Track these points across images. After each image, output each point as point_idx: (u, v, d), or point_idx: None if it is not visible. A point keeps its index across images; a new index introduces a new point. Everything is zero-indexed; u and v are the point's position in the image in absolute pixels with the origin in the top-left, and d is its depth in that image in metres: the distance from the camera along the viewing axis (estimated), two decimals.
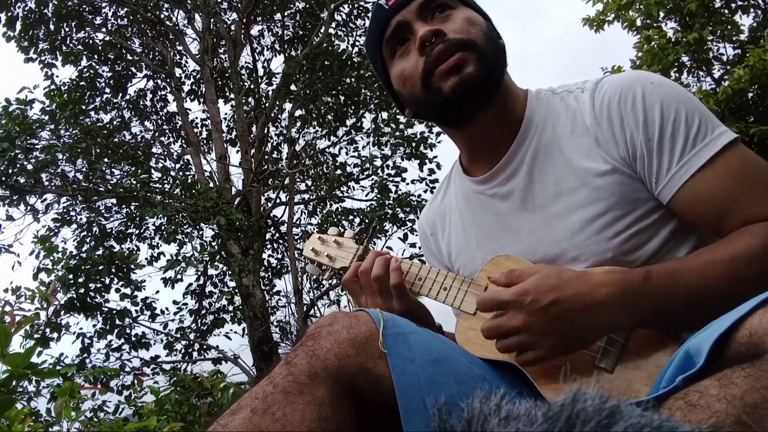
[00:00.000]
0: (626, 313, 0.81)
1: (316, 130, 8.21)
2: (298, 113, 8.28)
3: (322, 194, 8.34)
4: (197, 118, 9.20)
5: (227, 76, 8.82)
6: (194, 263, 6.76)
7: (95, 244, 7.35)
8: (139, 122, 9.11)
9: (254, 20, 8.70)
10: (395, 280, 1.03)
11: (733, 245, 0.83)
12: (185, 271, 6.71)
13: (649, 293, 0.81)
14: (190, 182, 7.25)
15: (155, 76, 9.08)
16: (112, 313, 7.12)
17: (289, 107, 8.34)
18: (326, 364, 0.76)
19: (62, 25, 8.25)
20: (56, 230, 7.39)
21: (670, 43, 6.48)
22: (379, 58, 1.06)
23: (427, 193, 7.51)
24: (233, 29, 8.72)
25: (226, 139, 8.53)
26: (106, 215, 7.73)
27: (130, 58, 9.00)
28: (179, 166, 8.89)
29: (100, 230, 7.51)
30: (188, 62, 9.23)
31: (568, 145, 0.96)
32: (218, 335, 8.00)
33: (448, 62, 0.93)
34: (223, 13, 8.59)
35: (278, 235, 8.65)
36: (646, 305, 0.81)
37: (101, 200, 7.46)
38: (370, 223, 7.31)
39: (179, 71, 9.11)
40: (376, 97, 7.63)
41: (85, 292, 6.79)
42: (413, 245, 7.29)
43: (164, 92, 9.28)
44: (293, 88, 7.67)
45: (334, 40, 7.60)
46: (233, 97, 8.33)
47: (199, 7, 7.62)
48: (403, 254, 7.09)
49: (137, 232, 8.01)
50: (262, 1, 8.39)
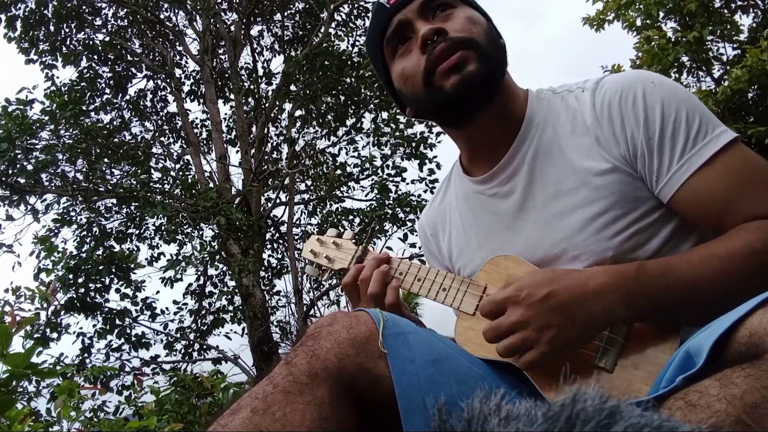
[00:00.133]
0: (622, 300, 0.81)
1: (316, 130, 8.21)
2: (297, 113, 8.28)
3: (322, 194, 8.34)
4: (197, 118, 9.22)
5: (227, 76, 8.82)
6: (193, 263, 6.76)
7: (95, 244, 7.35)
8: (139, 122, 9.11)
9: (254, 21, 8.70)
10: (390, 299, 1.04)
11: (731, 241, 0.83)
12: (185, 270, 6.72)
13: (643, 283, 0.81)
14: (190, 182, 7.25)
15: (155, 76, 9.08)
16: (112, 313, 7.13)
17: (288, 107, 8.35)
18: (326, 364, 0.76)
19: (62, 26, 8.26)
20: (56, 230, 7.40)
21: (669, 43, 6.48)
22: (380, 57, 1.06)
23: (427, 193, 7.51)
24: (233, 29, 8.72)
25: (226, 139, 8.53)
26: (106, 215, 7.74)
27: (130, 58, 9.00)
28: (179, 166, 8.90)
29: (100, 230, 7.51)
30: (188, 62, 9.25)
31: (568, 144, 0.96)
32: (218, 335, 8.01)
33: (449, 61, 0.93)
34: (223, 13, 8.59)
35: (278, 235, 8.65)
36: (639, 295, 0.81)
37: (101, 200, 7.46)
38: (368, 224, 7.30)
39: (179, 71, 9.12)
40: (376, 97, 7.62)
41: (85, 292, 6.80)
42: (413, 245, 7.29)
43: (164, 93, 9.29)
44: (293, 88, 7.66)
45: (333, 40, 7.60)
46: (233, 97, 8.33)
47: (198, 7, 7.61)
48: (403, 254, 7.09)
49: (137, 232, 8.02)
50: (262, 1, 8.39)
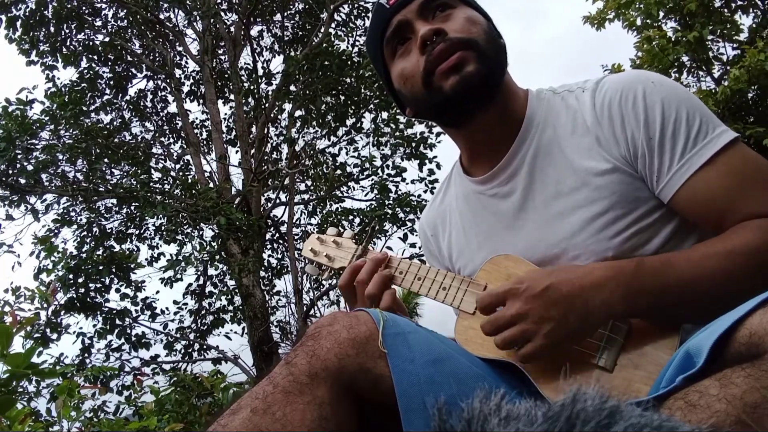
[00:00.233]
0: (620, 295, 0.81)
1: (315, 130, 8.21)
2: (297, 113, 8.28)
3: (321, 194, 8.34)
4: (197, 119, 9.23)
5: (227, 76, 8.82)
6: (193, 263, 6.76)
7: (95, 244, 7.35)
8: (139, 123, 9.12)
9: (254, 21, 8.70)
10: (386, 303, 1.04)
11: (731, 240, 0.83)
12: (185, 270, 6.72)
13: (642, 279, 0.82)
14: (190, 182, 7.25)
15: (155, 76, 9.09)
16: (112, 313, 7.13)
17: (288, 107, 8.35)
18: (326, 364, 0.76)
19: (62, 26, 8.26)
20: (56, 230, 7.40)
21: (670, 42, 6.47)
22: (379, 57, 1.06)
23: (426, 193, 7.51)
24: (233, 30, 8.72)
25: (226, 139, 8.53)
26: (106, 215, 7.74)
27: (130, 59, 9.00)
28: (179, 166, 8.90)
29: (100, 230, 7.52)
30: (188, 63, 9.25)
31: (568, 144, 0.96)
32: (218, 335, 8.01)
33: (448, 61, 0.93)
34: (222, 13, 8.59)
35: (278, 235, 8.65)
36: (638, 291, 0.81)
37: (101, 200, 7.46)
38: (368, 222, 7.30)
39: (179, 72, 9.13)
40: (376, 97, 7.62)
41: (85, 292, 6.80)
42: (413, 245, 7.29)
43: (164, 93, 9.29)
44: (293, 88, 7.66)
45: (333, 40, 7.60)
46: (233, 97, 8.33)
47: (198, 7, 7.61)
48: (403, 254, 7.09)
49: (137, 232, 8.02)
50: (262, 1, 8.38)
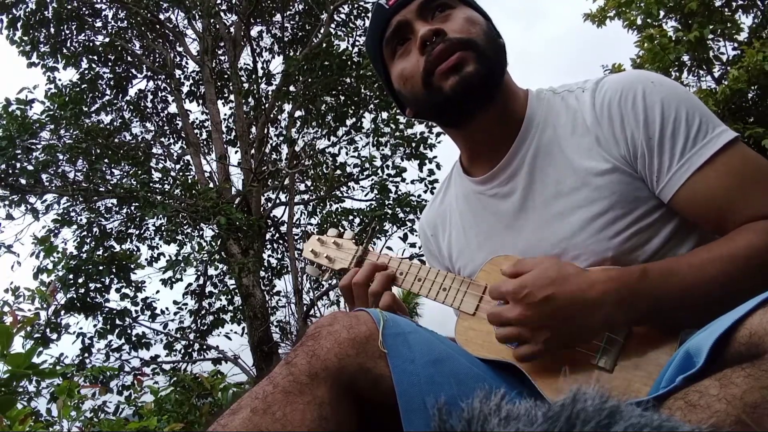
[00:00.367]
0: (623, 310, 0.81)
1: (315, 130, 8.21)
2: (297, 114, 8.28)
3: (321, 194, 8.34)
4: (197, 119, 9.23)
5: (227, 77, 8.82)
6: (192, 262, 6.76)
7: (95, 244, 7.35)
8: (139, 123, 9.12)
9: (254, 21, 8.69)
10: (384, 303, 1.04)
11: (733, 243, 0.83)
12: (185, 271, 6.72)
13: (645, 290, 0.81)
14: (190, 182, 7.25)
15: (155, 77, 9.09)
16: (112, 313, 7.13)
17: (288, 108, 8.35)
18: (326, 364, 0.76)
19: (63, 27, 8.26)
20: (56, 231, 7.41)
21: (670, 41, 6.46)
22: (379, 58, 1.06)
23: (426, 193, 7.51)
24: (233, 30, 8.72)
25: (226, 139, 8.53)
26: (106, 215, 7.75)
27: (130, 59, 9.01)
28: (179, 166, 8.91)
29: (100, 231, 7.52)
30: (188, 63, 9.26)
31: (568, 144, 0.96)
32: (218, 335, 8.01)
33: (448, 61, 0.93)
34: (223, 14, 8.59)
35: (278, 235, 8.65)
36: (642, 302, 0.81)
37: (101, 200, 7.46)
38: (368, 223, 7.30)
39: (179, 72, 9.12)
40: (376, 97, 7.62)
41: (85, 292, 6.80)
42: (413, 245, 7.29)
43: (165, 93, 9.30)
44: (292, 88, 7.66)
45: (333, 40, 7.60)
46: (233, 97, 8.33)
47: (198, 6, 7.61)
48: (403, 254, 7.10)
49: (137, 232, 8.02)
50: (262, 2, 8.38)
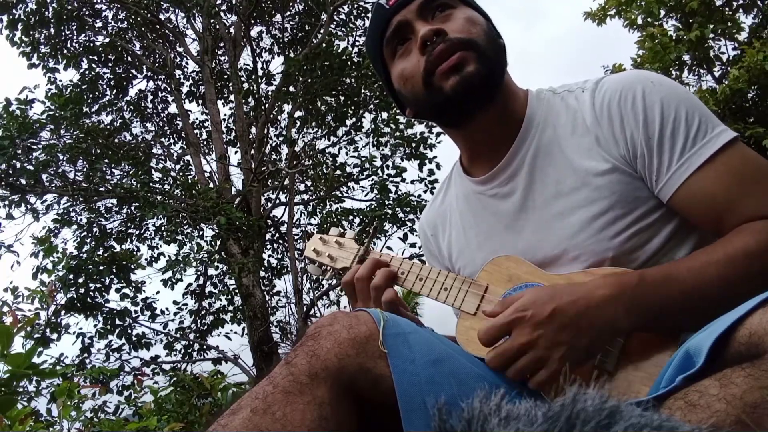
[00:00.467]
0: (624, 313, 0.81)
1: (315, 130, 8.21)
2: (297, 114, 8.29)
3: (321, 194, 8.34)
4: (197, 119, 9.23)
5: (226, 77, 8.82)
6: (190, 262, 6.76)
7: (95, 244, 7.36)
8: (139, 123, 9.12)
9: (254, 22, 8.70)
10: (387, 297, 1.03)
11: (731, 244, 0.83)
12: (185, 271, 6.73)
13: (644, 294, 0.81)
14: (190, 182, 7.25)
15: (155, 77, 9.09)
16: (112, 313, 7.13)
17: (288, 108, 8.35)
18: (326, 364, 0.76)
19: (63, 28, 8.26)
20: (56, 231, 7.41)
21: (671, 41, 6.46)
22: (379, 58, 1.06)
23: (426, 193, 7.52)
24: (233, 31, 8.72)
25: (225, 139, 8.53)
26: (106, 216, 7.75)
27: (130, 59, 9.01)
28: (179, 166, 8.91)
29: (100, 231, 7.52)
30: (188, 63, 9.26)
31: (568, 145, 0.96)
32: (218, 335, 8.02)
33: (448, 61, 0.93)
34: (222, 14, 8.59)
35: (278, 235, 8.66)
36: (642, 306, 0.81)
37: (101, 200, 7.47)
38: (370, 222, 7.30)
39: (179, 72, 9.13)
40: (376, 97, 7.62)
41: (85, 292, 6.80)
42: (413, 245, 7.29)
43: (165, 94, 9.30)
44: (292, 89, 7.66)
45: (333, 40, 7.60)
46: (233, 98, 8.33)
47: (198, 6, 7.61)
48: (403, 254, 7.09)
49: (137, 232, 8.02)
50: (262, 2, 8.38)
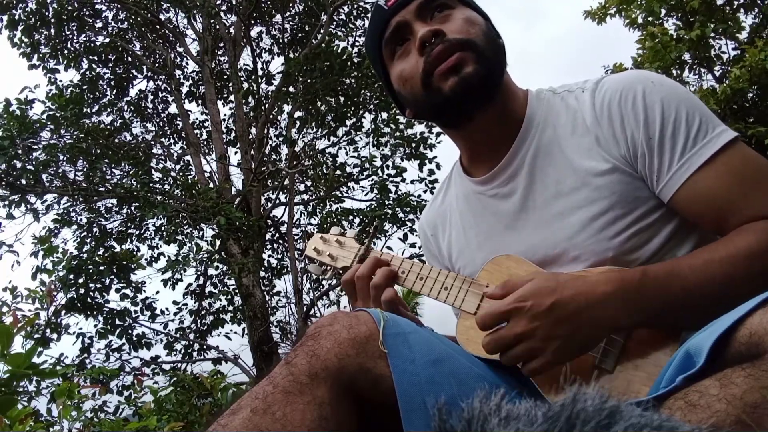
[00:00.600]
0: (625, 310, 0.80)
1: (315, 130, 8.21)
2: (297, 114, 8.29)
3: (321, 195, 8.34)
4: (197, 119, 9.23)
5: (226, 77, 8.82)
6: (190, 262, 6.77)
7: (95, 244, 7.36)
8: (140, 123, 9.13)
9: (254, 22, 8.70)
10: (387, 296, 1.03)
11: (733, 244, 0.82)
12: (185, 271, 6.73)
13: (646, 291, 0.81)
14: (190, 183, 7.25)
15: (156, 77, 9.09)
16: (112, 313, 7.13)
17: (288, 108, 8.35)
18: (326, 364, 0.76)
19: (63, 28, 8.26)
20: (56, 231, 7.41)
21: (672, 40, 6.46)
22: (378, 58, 1.06)
23: (426, 193, 7.52)
24: (233, 31, 8.72)
25: (225, 139, 8.53)
26: (106, 216, 7.75)
27: (130, 60, 9.01)
28: (179, 166, 8.91)
29: (100, 231, 7.52)
30: (188, 64, 9.26)
31: (568, 145, 0.96)
32: (218, 335, 8.02)
33: (447, 62, 0.93)
34: (222, 14, 8.59)
35: (278, 235, 8.66)
36: (643, 303, 0.81)
37: (101, 200, 7.47)
38: (370, 222, 7.30)
39: (179, 72, 9.13)
40: (375, 97, 7.63)
41: (85, 292, 6.80)
42: (413, 245, 7.30)
43: (165, 94, 9.30)
44: (292, 89, 7.67)
45: (333, 40, 7.60)
46: (233, 98, 8.34)
47: (198, 6, 7.61)
48: (403, 254, 7.08)
49: (137, 232, 8.03)
50: (262, 2, 8.38)
